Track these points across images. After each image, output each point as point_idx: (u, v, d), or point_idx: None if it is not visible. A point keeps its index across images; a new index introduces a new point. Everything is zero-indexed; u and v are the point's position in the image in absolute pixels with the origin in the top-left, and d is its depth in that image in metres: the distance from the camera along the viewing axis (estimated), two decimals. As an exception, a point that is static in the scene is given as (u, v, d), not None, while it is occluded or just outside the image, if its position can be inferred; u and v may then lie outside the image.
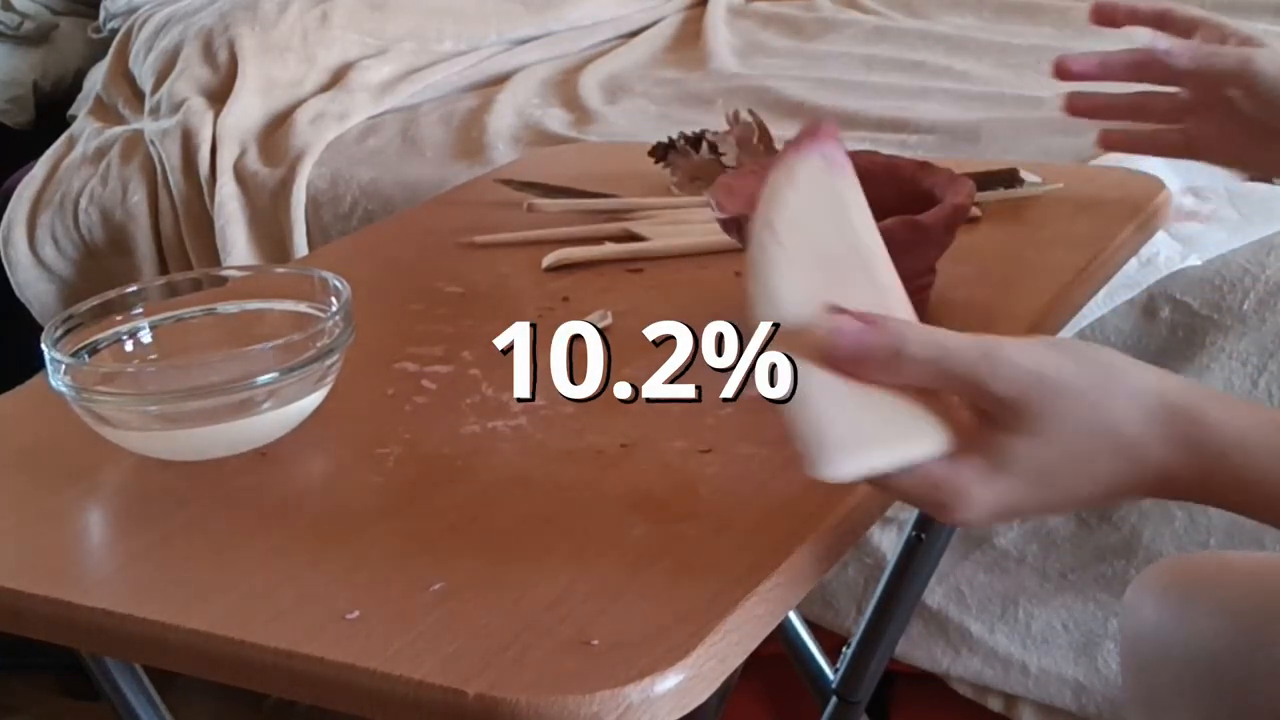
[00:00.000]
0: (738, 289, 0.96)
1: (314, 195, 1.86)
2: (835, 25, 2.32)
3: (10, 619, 0.72)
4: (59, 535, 0.77)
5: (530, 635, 0.63)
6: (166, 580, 0.71)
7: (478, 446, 0.81)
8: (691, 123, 1.27)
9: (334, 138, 1.94)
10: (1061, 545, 1.50)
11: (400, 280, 1.08)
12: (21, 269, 1.98)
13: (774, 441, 0.79)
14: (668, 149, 1.20)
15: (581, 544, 0.70)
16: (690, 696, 0.61)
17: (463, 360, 0.91)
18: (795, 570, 0.68)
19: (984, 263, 0.95)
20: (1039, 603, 1.51)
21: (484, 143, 1.88)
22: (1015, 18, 2.28)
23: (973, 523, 0.67)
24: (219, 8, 2.12)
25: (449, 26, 2.20)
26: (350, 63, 2.10)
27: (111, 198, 1.96)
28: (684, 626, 0.63)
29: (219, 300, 0.92)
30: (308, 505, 0.78)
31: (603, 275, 1.04)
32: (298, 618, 0.66)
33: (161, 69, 2.08)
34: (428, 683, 0.61)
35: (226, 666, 0.66)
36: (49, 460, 0.84)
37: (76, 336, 0.85)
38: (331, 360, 0.82)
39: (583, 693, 0.59)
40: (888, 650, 1.31)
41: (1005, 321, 0.90)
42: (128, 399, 0.80)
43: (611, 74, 2.14)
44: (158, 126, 1.99)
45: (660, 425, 0.81)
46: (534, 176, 1.23)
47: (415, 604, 0.66)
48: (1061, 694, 1.52)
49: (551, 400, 0.85)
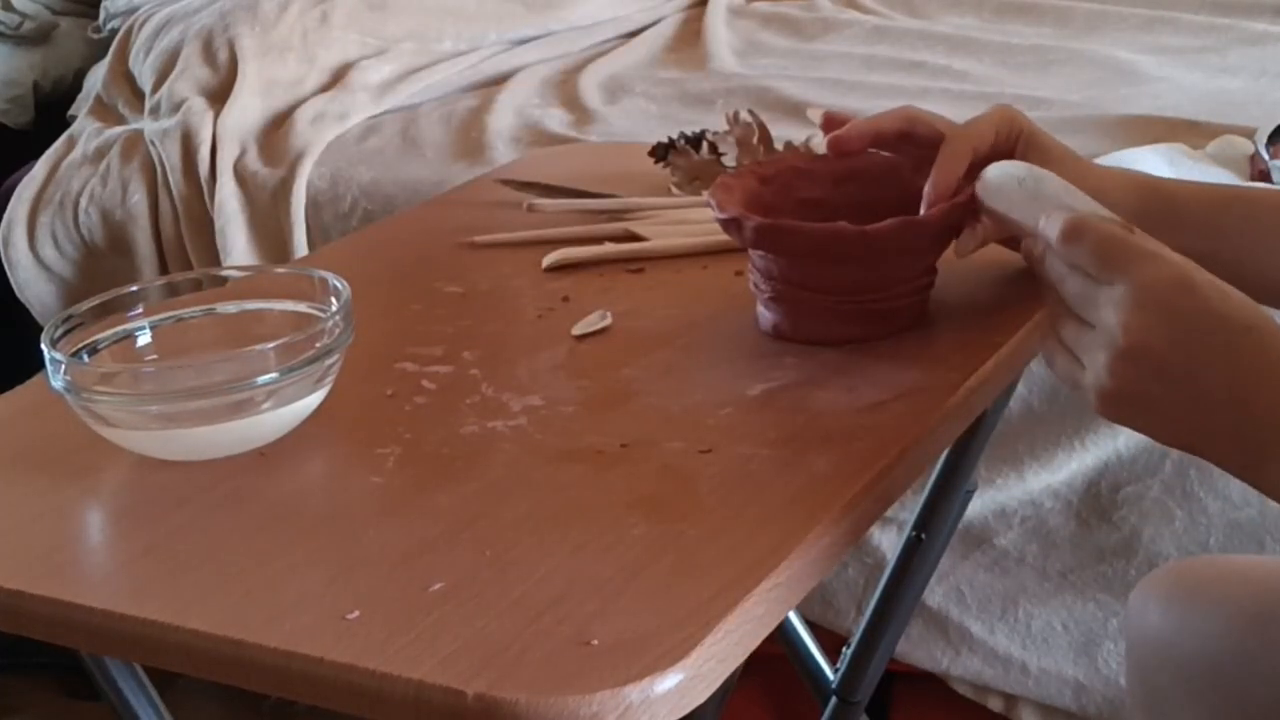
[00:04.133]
0: (738, 288, 0.96)
1: (314, 195, 1.86)
2: (835, 25, 2.32)
3: (10, 619, 0.72)
4: (59, 535, 0.77)
5: (530, 635, 0.63)
6: (166, 580, 0.71)
7: (478, 446, 0.81)
8: (691, 123, 1.27)
9: (334, 138, 1.94)
10: (1061, 545, 1.50)
11: (400, 280, 1.08)
12: (21, 269, 1.98)
13: (774, 442, 0.79)
14: (668, 149, 1.20)
15: (581, 544, 0.70)
16: (690, 696, 0.61)
17: (463, 360, 0.91)
18: (795, 570, 0.68)
19: (984, 263, 0.95)
20: (1039, 603, 1.51)
21: (484, 143, 1.88)
22: (1015, 18, 2.28)
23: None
24: (219, 8, 2.12)
25: (449, 26, 2.20)
26: (350, 63, 2.10)
27: (111, 198, 1.96)
28: (684, 626, 0.63)
29: (219, 300, 0.92)
30: (308, 505, 0.78)
31: (603, 275, 1.04)
32: (298, 618, 0.66)
33: (161, 69, 2.08)
34: (427, 683, 0.61)
35: (226, 666, 0.66)
36: (49, 460, 0.84)
37: (76, 336, 0.85)
38: (331, 360, 0.82)
39: (583, 693, 0.59)
40: (888, 650, 1.31)
41: (1005, 321, 0.90)
42: (127, 399, 0.80)
43: (611, 74, 2.14)
44: (158, 126, 1.99)
45: (660, 425, 0.81)
46: (534, 176, 1.23)
47: (415, 604, 0.66)
48: (1061, 694, 1.52)
49: (551, 400, 0.85)
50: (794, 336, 0.90)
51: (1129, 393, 0.72)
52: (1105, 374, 0.72)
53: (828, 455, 0.76)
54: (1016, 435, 1.49)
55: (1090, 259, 0.73)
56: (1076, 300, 0.74)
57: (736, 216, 0.88)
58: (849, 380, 0.84)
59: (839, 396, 0.83)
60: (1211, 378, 0.71)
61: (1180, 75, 1.94)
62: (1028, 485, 1.50)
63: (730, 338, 0.92)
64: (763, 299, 0.91)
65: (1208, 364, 0.71)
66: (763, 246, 0.89)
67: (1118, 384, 0.72)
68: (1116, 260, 0.72)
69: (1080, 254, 0.73)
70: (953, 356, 0.87)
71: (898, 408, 0.81)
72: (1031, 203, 0.81)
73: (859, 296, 0.88)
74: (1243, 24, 2.14)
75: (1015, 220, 0.84)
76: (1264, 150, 1.57)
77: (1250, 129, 1.62)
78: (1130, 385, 0.72)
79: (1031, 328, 0.91)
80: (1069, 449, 1.49)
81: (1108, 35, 2.14)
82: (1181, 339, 0.70)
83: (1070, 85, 1.92)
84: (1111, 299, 0.72)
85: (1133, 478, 1.47)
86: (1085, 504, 1.49)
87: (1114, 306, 0.71)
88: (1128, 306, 0.71)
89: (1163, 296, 0.71)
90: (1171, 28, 2.16)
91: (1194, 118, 1.71)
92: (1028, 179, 0.84)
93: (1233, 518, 1.44)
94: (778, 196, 0.94)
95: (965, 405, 0.83)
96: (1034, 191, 0.83)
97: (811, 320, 0.89)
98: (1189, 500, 1.45)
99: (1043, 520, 1.50)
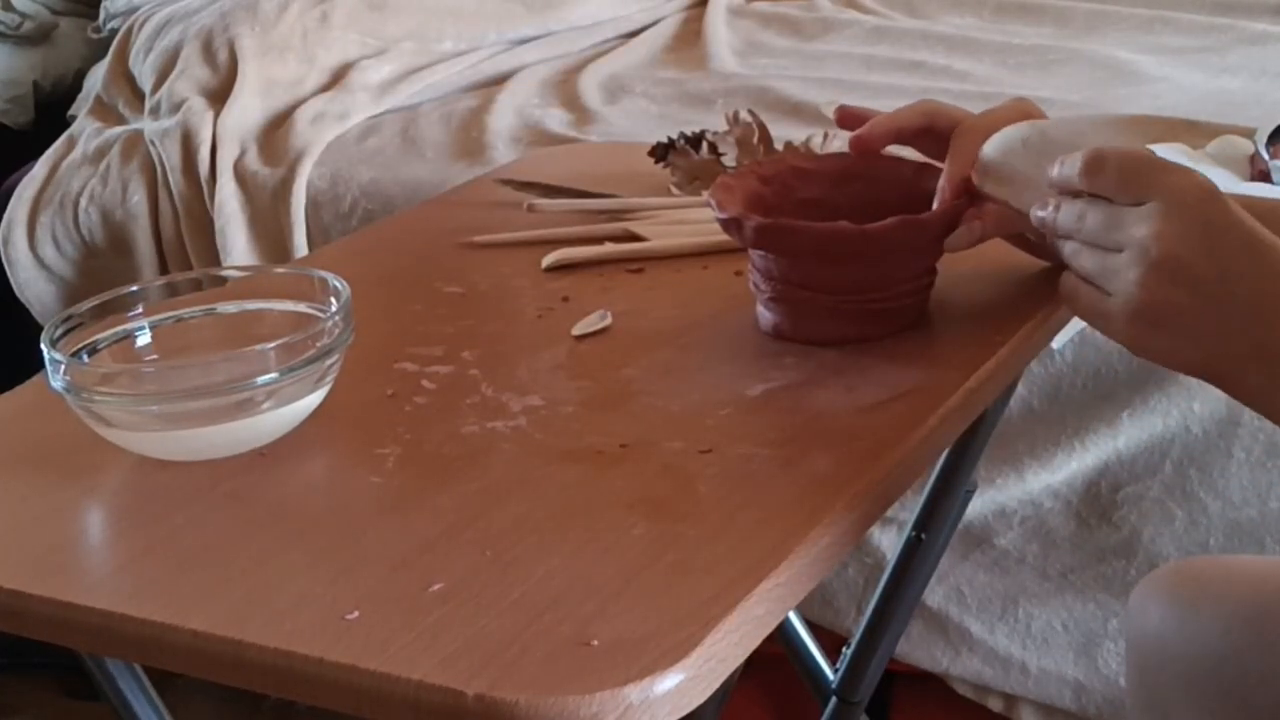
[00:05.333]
0: (738, 288, 0.96)
1: (314, 195, 1.86)
2: (835, 25, 2.32)
3: (10, 619, 0.72)
4: (59, 535, 0.77)
5: (530, 635, 0.63)
6: (166, 580, 0.71)
7: (478, 446, 0.81)
8: (691, 123, 1.27)
9: (334, 138, 1.94)
10: (1061, 545, 1.50)
11: (400, 280, 1.08)
12: (21, 269, 1.98)
13: (774, 442, 0.79)
14: (668, 149, 1.20)
15: (581, 544, 0.70)
16: (690, 696, 0.61)
17: (463, 360, 0.91)
18: (795, 570, 0.68)
19: (984, 263, 0.95)
20: (1039, 603, 1.51)
21: (484, 143, 1.88)
22: (1015, 18, 2.28)
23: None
24: (219, 8, 2.12)
25: (449, 26, 2.20)
26: (350, 63, 2.10)
27: (111, 198, 1.96)
28: (684, 626, 0.63)
29: (219, 300, 0.92)
30: (308, 505, 0.78)
31: (603, 275, 1.04)
32: (298, 618, 0.66)
33: (161, 69, 2.08)
34: (427, 683, 0.61)
35: (226, 666, 0.66)
36: (49, 460, 0.84)
37: (76, 336, 0.85)
38: (331, 360, 0.82)
39: (583, 693, 0.59)
40: (888, 650, 1.31)
41: (1005, 321, 0.90)
42: (127, 399, 0.80)
43: (611, 74, 2.14)
44: (158, 126, 1.99)
45: (660, 425, 0.81)
46: (534, 176, 1.23)
47: (415, 604, 0.66)
48: (1061, 694, 1.52)
49: (551, 400, 0.85)
50: (794, 336, 0.90)
51: (1160, 306, 0.72)
52: (1136, 289, 0.72)
53: (828, 455, 0.76)
54: (1016, 435, 1.49)
55: (1115, 182, 0.73)
56: (1100, 231, 0.74)
57: (737, 216, 0.88)
58: (849, 380, 0.84)
59: (839, 396, 0.83)
60: (1241, 289, 0.71)
61: (1180, 75, 1.94)
62: (1028, 485, 1.50)
63: (730, 338, 0.92)
64: (763, 299, 0.91)
65: (1239, 275, 0.71)
66: (763, 246, 0.89)
67: (1149, 296, 0.72)
68: (1143, 178, 0.73)
69: (1105, 181, 0.74)
70: (953, 356, 0.87)
71: (898, 408, 0.81)
72: (1039, 160, 0.81)
73: (859, 296, 0.88)
74: (1243, 24, 2.14)
75: (1019, 192, 0.83)
76: (1264, 150, 1.57)
77: (1250, 129, 1.62)
78: (1162, 296, 0.72)
79: (1032, 328, 0.91)
80: (1069, 449, 1.49)
81: (1108, 35, 2.14)
82: (1214, 247, 0.71)
83: (1070, 85, 1.91)
84: (1141, 216, 0.72)
85: (1133, 478, 1.47)
86: (1085, 504, 1.49)
87: (1144, 221, 0.72)
88: (1159, 217, 0.71)
89: (1194, 206, 0.71)
90: (1171, 28, 2.16)
91: (1194, 118, 1.71)
92: (1032, 136, 0.84)
93: (1233, 518, 1.44)
94: (778, 196, 0.94)
95: (965, 405, 0.83)
96: (1040, 148, 0.83)
97: (811, 320, 0.89)
98: (1189, 500, 1.45)
99: (1043, 520, 1.50)
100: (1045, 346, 1.02)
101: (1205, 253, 0.71)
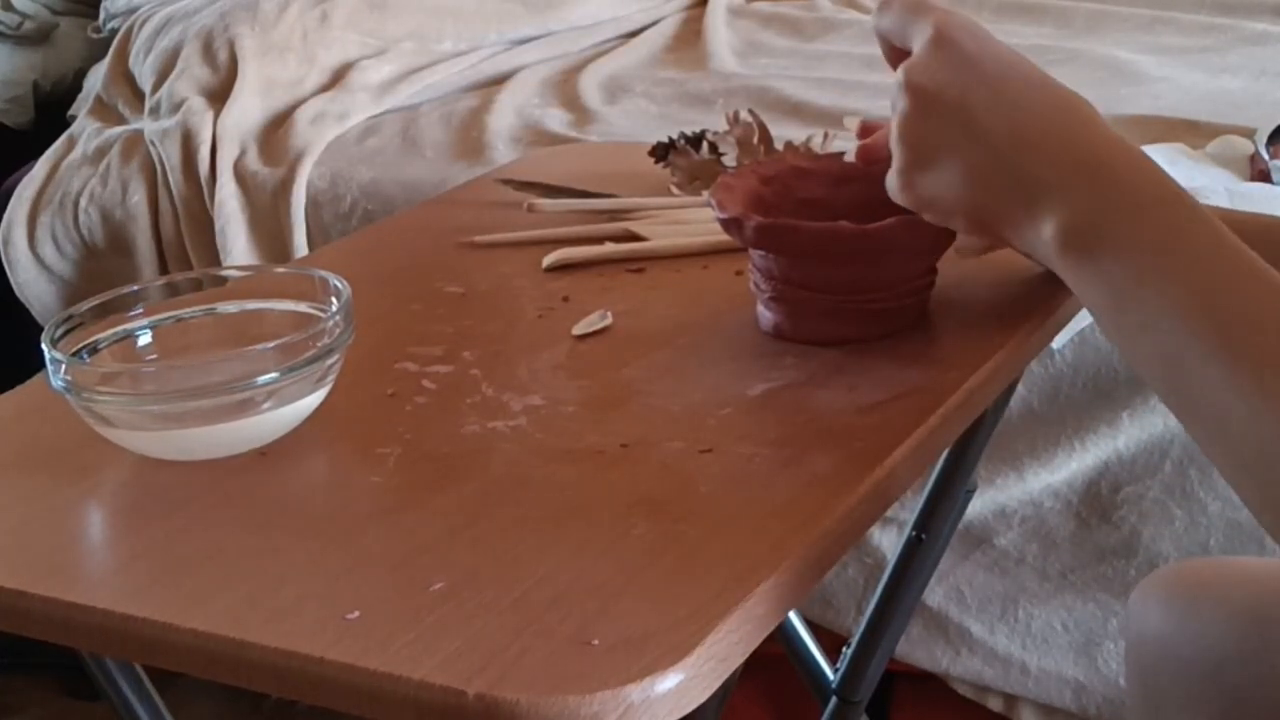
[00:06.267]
0: (738, 288, 0.96)
1: (314, 195, 1.86)
2: (835, 25, 2.32)
3: (11, 619, 0.72)
4: (59, 535, 0.77)
5: (530, 635, 0.63)
6: (166, 580, 0.71)
7: (478, 446, 0.81)
8: (691, 123, 1.27)
9: (334, 138, 1.94)
10: (1061, 545, 1.50)
11: (400, 280, 1.08)
12: (21, 269, 1.99)
13: (774, 441, 0.79)
14: (668, 149, 1.20)
15: (581, 544, 0.70)
16: (690, 696, 0.61)
17: (463, 360, 0.91)
18: (795, 570, 0.68)
19: (984, 263, 0.95)
20: (1039, 603, 1.51)
21: (484, 143, 1.88)
22: (1015, 18, 2.28)
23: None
24: (219, 8, 2.12)
25: (449, 26, 2.20)
26: (350, 63, 2.10)
27: (111, 198, 1.96)
28: (684, 626, 0.63)
29: (219, 300, 0.91)
30: (308, 505, 0.78)
31: (603, 275, 1.04)
32: (298, 618, 0.66)
33: (161, 69, 2.08)
34: (428, 683, 0.61)
35: (226, 666, 0.66)
36: (49, 460, 0.84)
37: (76, 336, 0.85)
38: (331, 360, 0.82)
39: (583, 693, 0.59)
40: (888, 650, 1.31)
41: (1006, 321, 0.90)
42: (128, 399, 0.80)
43: (611, 74, 2.15)
44: (158, 126, 1.99)
45: (660, 425, 0.81)
46: (534, 176, 1.23)
47: (415, 604, 0.66)
48: (1061, 694, 1.52)
49: (551, 400, 0.85)
50: (794, 336, 0.90)
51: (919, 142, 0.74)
52: (896, 128, 0.74)
53: (828, 455, 0.76)
54: (1016, 435, 1.49)
55: (895, 23, 0.76)
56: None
57: (737, 216, 0.88)
58: (849, 380, 0.84)
59: (839, 396, 0.83)
60: (992, 119, 0.72)
61: (1180, 75, 1.94)
62: (1028, 485, 1.50)
63: (730, 338, 0.92)
64: (763, 299, 0.91)
65: (986, 104, 0.72)
66: (763, 246, 0.89)
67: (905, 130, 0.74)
68: (913, 15, 0.75)
69: (889, 23, 0.77)
70: (953, 356, 0.87)
71: (898, 408, 0.81)
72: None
73: (859, 296, 0.88)
74: (1243, 24, 2.14)
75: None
76: (1264, 150, 1.57)
77: (1250, 129, 1.62)
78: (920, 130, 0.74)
79: (1032, 328, 0.91)
80: (1069, 449, 1.49)
81: (1108, 35, 2.14)
82: (960, 76, 0.73)
83: (1071, 85, 1.90)
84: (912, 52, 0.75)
85: (1133, 478, 1.47)
86: (1085, 504, 1.49)
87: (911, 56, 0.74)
88: (915, 52, 0.74)
89: (946, 36, 0.73)
90: (1172, 28, 2.16)
91: (1194, 118, 1.71)
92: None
93: (1233, 518, 1.44)
94: (778, 196, 0.94)
95: (965, 405, 0.83)
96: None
97: (812, 320, 0.89)
98: (1189, 500, 1.45)
99: (1043, 520, 1.50)
100: (1045, 347, 1.02)
101: (949, 82, 0.72)
